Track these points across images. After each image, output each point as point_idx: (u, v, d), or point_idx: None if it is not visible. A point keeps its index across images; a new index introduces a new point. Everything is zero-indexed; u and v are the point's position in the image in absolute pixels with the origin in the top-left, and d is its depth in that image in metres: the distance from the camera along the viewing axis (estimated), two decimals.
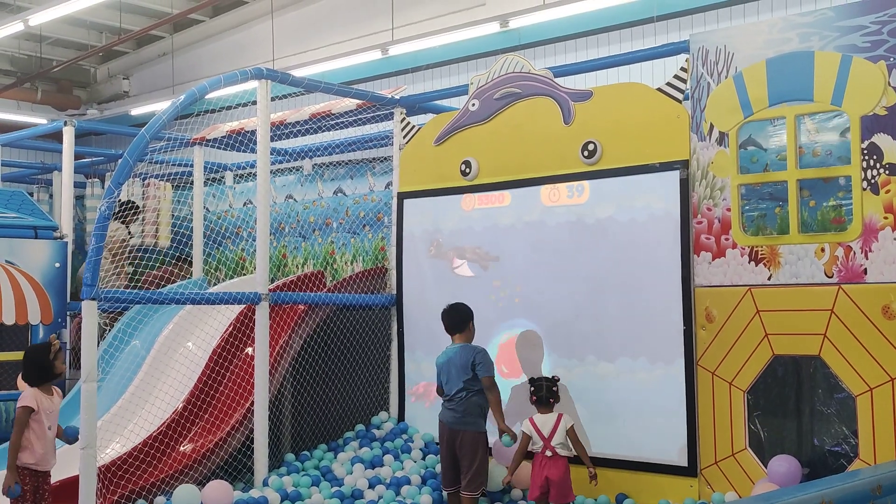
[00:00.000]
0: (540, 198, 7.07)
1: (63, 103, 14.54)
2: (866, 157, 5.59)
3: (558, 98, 7.00)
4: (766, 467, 5.80)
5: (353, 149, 9.42)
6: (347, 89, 8.07)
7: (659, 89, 6.55)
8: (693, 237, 6.29)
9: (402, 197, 8.00)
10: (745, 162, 6.10)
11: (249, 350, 7.43)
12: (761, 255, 5.98)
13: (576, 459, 6.20)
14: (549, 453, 6.12)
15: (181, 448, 7.00)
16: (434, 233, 7.72)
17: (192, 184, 9.82)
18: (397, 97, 8.23)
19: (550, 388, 6.31)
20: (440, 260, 7.68)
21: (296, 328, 7.47)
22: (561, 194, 6.97)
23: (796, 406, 5.87)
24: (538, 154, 7.10)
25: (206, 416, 7.25)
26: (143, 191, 10.35)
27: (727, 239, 6.13)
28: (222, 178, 10.98)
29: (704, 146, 6.26)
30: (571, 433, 6.17)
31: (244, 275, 9.81)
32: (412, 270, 7.87)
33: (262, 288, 7.06)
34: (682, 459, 6.25)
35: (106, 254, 9.40)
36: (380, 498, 6.59)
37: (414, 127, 8.08)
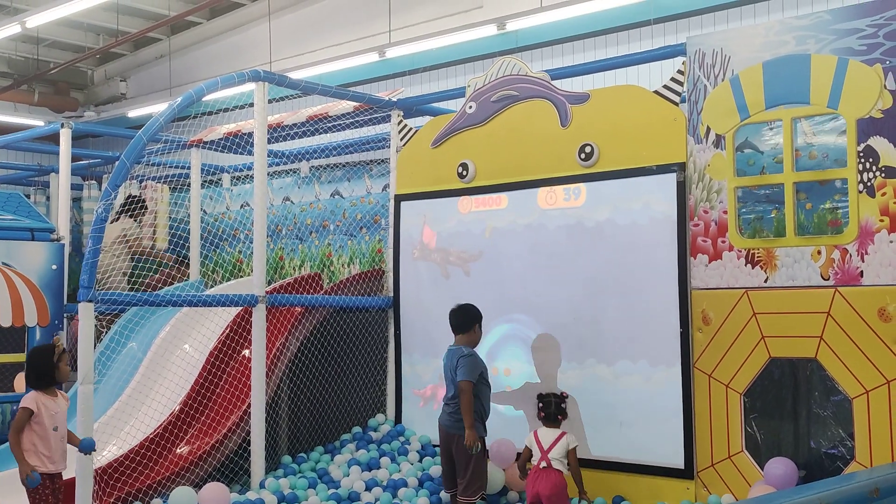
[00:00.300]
0: (537, 200, 7.07)
1: (60, 105, 14.54)
2: (862, 160, 5.60)
3: (555, 101, 7.01)
4: (762, 470, 5.81)
5: (351, 151, 9.42)
6: (345, 91, 8.06)
7: (656, 92, 6.56)
8: (690, 240, 6.30)
9: (399, 199, 8.01)
10: (742, 164, 6.11)
11: (246, 352, 7.43)
12: (758, 257, 5.99)
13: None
14: (544, 464, 6.09)
15: (178, 450, 6.99)
16: (423, 236, 7.74)
17: (189, 186, 9.82)
18: (394, 99, 8.23)
19: (559, 404, 6.30)
20: (425, 262, 7.70)
21: (293, 330, 7.46)
22: (558, 197, 6.98)
23: (793, 408, 5.88)
24: (535, 156, 7.10)
25: (203, 419, 7.24)
26: (139, 193, 10.34)
27: (724, 241, 6.14)
28: (219, 180, 10.98)
29: (701, 149, 6.27)
30: (572, 455, 6.16)
31: (241, 277, 9.80)
32: (409, 273, 7.88)
33: (259, 290, 7.06)
34: (678, 462, 6.25)
35: (121, 250, 9.42)
36: (376, 500, 6.58)
37: (411, 129, 8.08)
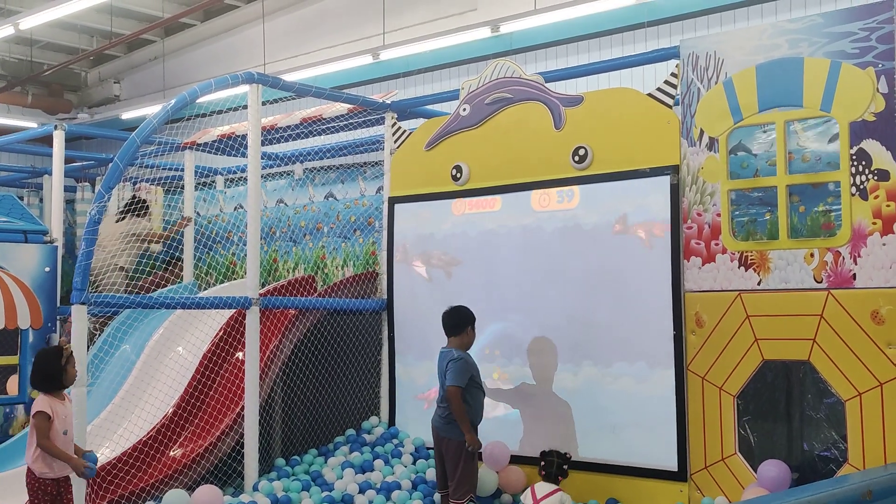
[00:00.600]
0: (531, 203, 7.08)
1: (54, 107, 14.51)
2: (855, 163, 5.61)
3: (549, 103, 7.01)
4: (755, 472, 5.81)
5: (345, 153, 9.41)
6: (338, 94, 8.06)
7: (649, 95, 6.57)
8: (683, 242, 6.31)
9: (393, 201, 8.01)
10: (735, 167, 6.11)
11: (240, 354, 7.42)
12: (751, 260, 6.00)
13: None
14: None
15: (171, 453, 6.98)
16: (415, 238, 7.74)
17: (182, 188, 9.81)
18: (388, 102, 8.23)
19: (561, 465, 6.29)
20: (405, 265, 7.72)
21: (286, 333, 7.46)
22: (551, 199, 6.98)
23: (786, 411, 5.88)
24: (529, 159, 7.10)
25: (197, 421, 7.23)
26: (133, 194, 10.33)
27: (717, 244, 6.15)
28: (213, 182, 10.97)
29: (694, 151, 6.28)
30: None
31: (235, 279, 9.79)
32: (403, 275, 7.87)
33: (253, 292, 7.06)
34: (671, 464, 6.25)
35: (130, 247, 9.41)
36: (370, 503, 6.58)
37: (405, 131, 8.08)
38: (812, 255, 5.76)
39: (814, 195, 5.81)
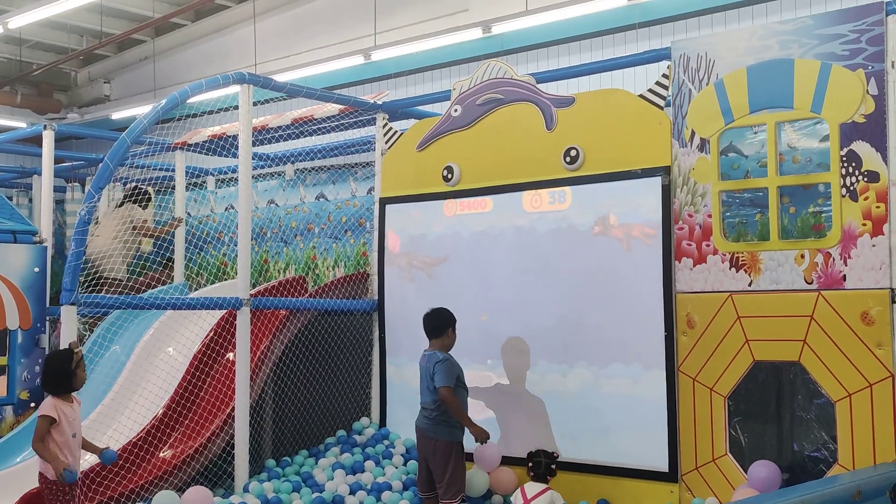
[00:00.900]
0: (522, 204, 7.08)
1: (43, 107, 14.45)
2: (845, 165, 5.63)
3: (541, 104, 7.02)
4: (746, 473, 5.82)
5: (336, 154, 9.40)
6: (330, 94, 8.05)
7: (641, 96, 6.58)
8: (674, 243, 6.32)
9: (384, 202, 8.00)
10: (726, 168, 6.13)
11: (230, 355, 7.40)
12: (742, 261, 6.01)
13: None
14: None
15: (161, 454, 6.96)
16: (407, 239, 7.74)
17: (173, 188, 9.78)
18: (380, 102, 8.22)
19: (549, 465, 6.27)
20: (396, 266, 7.72)
21: (277, 333, 7.44)
22: (543, 200, 6.99)
23: (776, 412, 5.90)
24: (520, 160, 7.11)
25: (187, 422, 7.21)
26: (123, 194, 10.29)
27: (708, 245, 6.16)
28: (204, 182, 10.94)
29: (686, 152, 6.29)
30: None
31: (226, 280, 9.77)
32: (394, 276, 7.87)
33: (244, 293, 7.04)
34: (662, 465, 6.26)
35: (127, 234, 9.37)
36: None
37: (396, 132, 8.08)
38: (802, 256, 5.78)
39: (804, 196, 5.83)
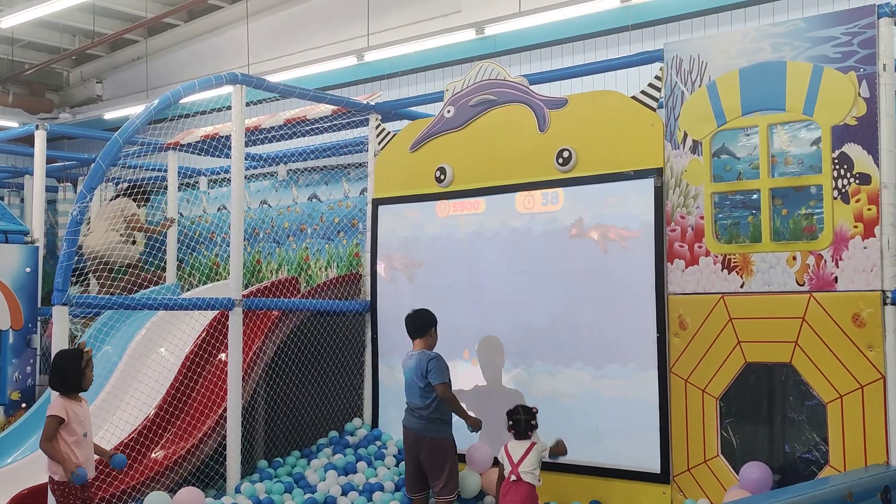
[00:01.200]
0: (514, 205, 7.08)
1: (35, 107, 14.42)
2: (837, 167, 5.64)
3: (533, 105, 7.02)
4: (737, 474, 5.83)
5: (328, 154, 9.40)
6: (322, 95, 8.04)
7: (633, 97, 6.58)
8: (667, 245, 6.33)
9: (377, 203, 7.99)
10: (719, 170, 6.14)
11: (223, 356, 7.39)
12: (734, 262, 6.02)
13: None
14: (514, 478, 5.97)
15: (153, 455, 6.94)
16: (399, 240, 7.74)
17: (166, 189, 9.76)
18: (372, 103, 8.22)
19: (528, 421, 6.16)
20: (389, 267, 7.72)
21: (269, 334, 7.43)
22: (536, 201, 6.99)
23: (768, 413, 5.91)
24: (513, 161, 7.11)
25: (179, 423, 7.19)
26: (115, 194, 10.27)
27: (700, 247, 6.17)
28: (196, 183, 10.93)
29: (678, 154, 6.30)
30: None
31: (218, 280, 9.75)
32: (386, 277, 7.86)
33: (236, 294, 7.03)
34: (654, 466, 6.26)
35: (122, 229, 9.36)
36: None
37: (389, 133, 8.08)
38: (794, 258, 5.79)
39: (796, 198, 5.84)
